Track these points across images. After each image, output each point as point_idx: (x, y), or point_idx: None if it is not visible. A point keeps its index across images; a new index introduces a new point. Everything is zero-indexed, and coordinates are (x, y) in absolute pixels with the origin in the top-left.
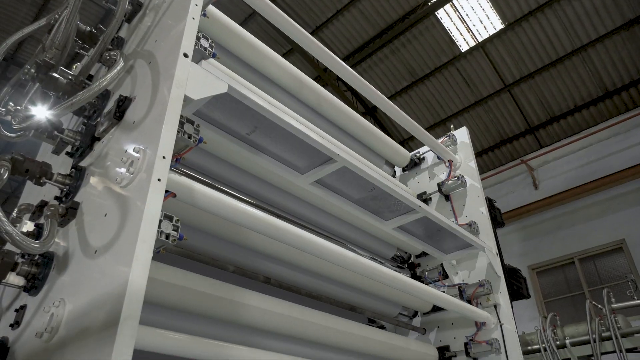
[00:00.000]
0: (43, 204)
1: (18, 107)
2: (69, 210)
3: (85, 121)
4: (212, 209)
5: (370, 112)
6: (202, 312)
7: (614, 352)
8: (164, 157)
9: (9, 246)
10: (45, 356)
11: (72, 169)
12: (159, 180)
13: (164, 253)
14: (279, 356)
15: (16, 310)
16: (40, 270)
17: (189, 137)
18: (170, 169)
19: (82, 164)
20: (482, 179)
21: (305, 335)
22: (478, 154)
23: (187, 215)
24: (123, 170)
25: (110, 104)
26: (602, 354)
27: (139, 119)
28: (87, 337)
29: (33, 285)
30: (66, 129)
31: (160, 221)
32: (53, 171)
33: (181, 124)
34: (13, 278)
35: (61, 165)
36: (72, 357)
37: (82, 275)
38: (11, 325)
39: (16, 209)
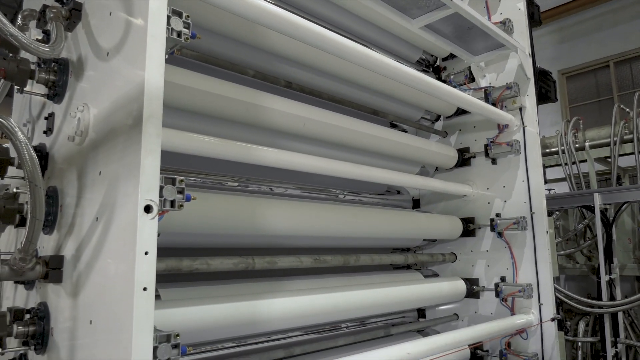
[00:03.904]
0: (45, 8)
1: None
2: (72, 12)
3: None
4: (223, 3)
5: None
6: (225, 117)
7: (632, 154)
8: None
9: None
10: (80, 158)
11: None
12: None
13: (179, 54)
14: (304, 157)
15: (46, 118)
16: (58, 77)
17: None
18: None
19: None
20: None
21: (329, 137)
22: None
23: (200, 15)
24: None
25: None
26: (620, 155)
27: None
28: (116, 138)
29: (55, 92)
30: None
31: (169, 17)
32: None
33: None
34: (36, 88)
35: None
36: (105, 157)
37: (99, 79)
38: (45, 132)
39: (20, 16)
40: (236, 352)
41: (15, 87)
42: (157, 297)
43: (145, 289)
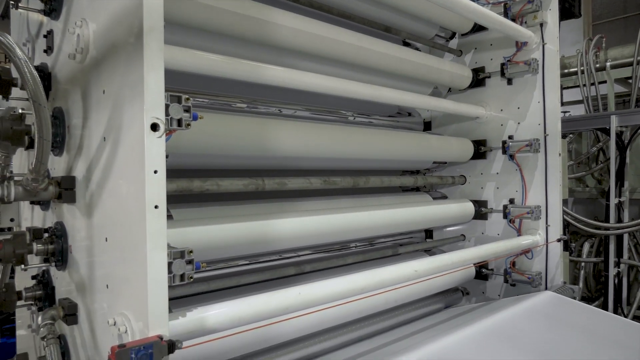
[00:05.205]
0: None
1: None
2: None
3: None
4: None
5: None
6: (231, 33)
7: None
8: None
9: None
10: (83, 76)
11: None
12: None
13: None
14: (313, 76)
15: (45, 36)
16: None
17: None
18: None
19: None
20: None
21: (339, 56)
22: None
23: None
24: None
25: None
26: None
27: None
28: (118, 54)
29: (51, 7)
30: None
31: None
32: None
33: None
34: (32, 4)
35: None
36: (108, 75)
37: None
38: (45, 51)
39: None
40: (249, 269)
41: (10, 2)
42: (170, 217)
43: (156, 206)
